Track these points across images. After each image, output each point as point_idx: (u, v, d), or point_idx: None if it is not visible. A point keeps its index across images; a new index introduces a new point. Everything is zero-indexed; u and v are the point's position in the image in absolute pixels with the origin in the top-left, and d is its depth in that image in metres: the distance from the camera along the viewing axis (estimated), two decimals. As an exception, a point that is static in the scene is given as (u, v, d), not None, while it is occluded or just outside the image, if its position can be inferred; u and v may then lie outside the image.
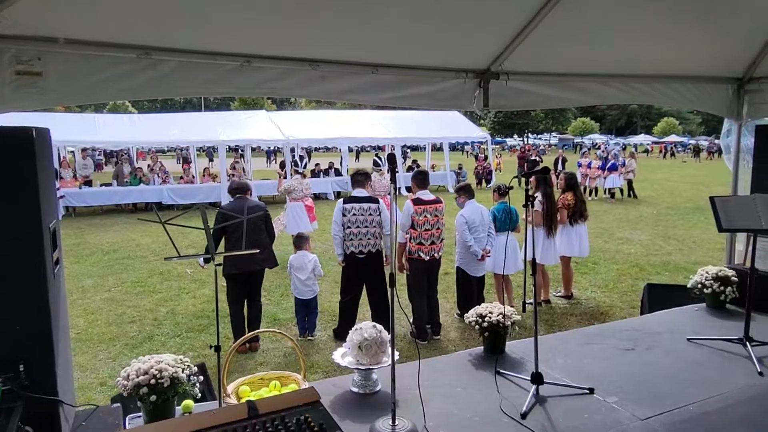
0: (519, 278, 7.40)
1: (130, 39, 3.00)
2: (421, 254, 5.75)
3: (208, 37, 3.17)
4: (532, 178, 6.82)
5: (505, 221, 6.36)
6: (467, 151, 43.55)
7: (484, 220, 6.05)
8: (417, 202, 5.78)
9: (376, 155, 15.05)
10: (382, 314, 5.76)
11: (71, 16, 2.75)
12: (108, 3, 2.74)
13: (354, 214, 5.69)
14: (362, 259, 5.72)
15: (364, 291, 5.93)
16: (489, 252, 6.11)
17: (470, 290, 6.19)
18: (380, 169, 10.88)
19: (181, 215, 2.56)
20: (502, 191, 6.53)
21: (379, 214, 5.76)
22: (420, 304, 5.90)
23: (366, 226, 5.69)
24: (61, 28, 2.81)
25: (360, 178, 5.98)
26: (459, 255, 6.17)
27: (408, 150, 27.89)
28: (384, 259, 5.89)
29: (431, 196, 5.84)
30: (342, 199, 5.98)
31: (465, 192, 6.20)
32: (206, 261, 5.63)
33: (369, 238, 5.70)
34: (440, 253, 5.90)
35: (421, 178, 5.98)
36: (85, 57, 2.95)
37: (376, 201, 5.86)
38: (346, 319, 5.79)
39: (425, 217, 5.72)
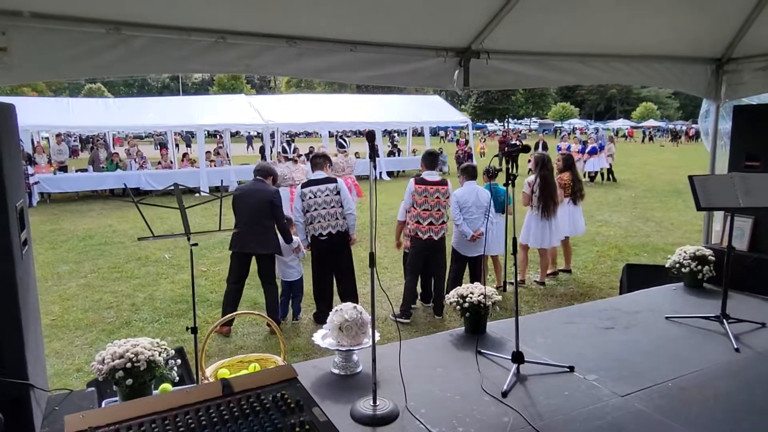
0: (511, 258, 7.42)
1: (99, 13, 2.89)
2: (419, 233, 5.78)
3: (181, 11, 3.06)
4: (531, 161, 6.95)
5: (495, 203, 6.41)
6: (441, 137, 43.44)
7: (480, 201, 6.05)
8: (419, 181, 5.80)
9: (340, 137, 15.08)
10: (348, 294, 5.71)
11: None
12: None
13: (311, 198, 5.67)
14: (325, 241, 5.69)
15: None
16: (481, 233, 6.12)
17: (460, 271, 6.21)
18: (345, 151, 11.40)
19: (150, 197, 2.49)
20: (491, 173, 6.53)
21: (338, 194, 5.71)
22: (410, 282, 5.94)
23: (325, 208, 5.66)
24: (26, 1, 2.68)
25: (319, 160, 5.97)
26: (454, 234, 6.20)
27: (396, 135, 27.67)
28: (349, 239, 5.85)
29: (437, 177, 5.84)
30: (301, 183, 5.97)
31: (465, 173, 6.24)
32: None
33: (329, 220, 5.66)
34: (440, 235, 5.84)
35: (430, 159, 5.98)
36: (52, 32, 2.83)
37: (334, 181, 5.81)
38: (323, 301, 5.78)
39: (425, 197, 5.73)
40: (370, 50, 3.70)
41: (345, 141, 12.26)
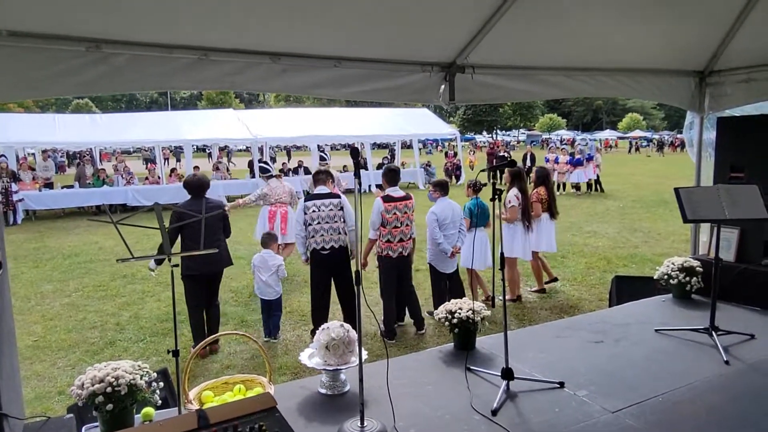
0: (489, 273, 7.38)
1: (78, 31, 2.84)
2: (390, 252, 5.71)
3: (163, 29, 3.02)
4: (506, 174, 6.93)
5: (480, 217, 6.37)
6: (428, 149, 43.48)
7: (455, 216, 6.02)
8: (387, 199, 5.72)
9: (321, 150, 15.28)
10: (351, 310, 5.73)
11: (14, 6, 2.59)
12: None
13: (314, 211, 5.64)
14: (326, 255, 5.65)
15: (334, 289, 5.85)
16: (459, 249, 6.09)
17: (442, 287, 6.16)
18: (326, 163, 11.89)
19: (130, 216, 2.44)
20: (477, 187, 6.51)
21: (341, 209, 5.70)
22: (389, 302, 5.84)
23: (328, 222, 5.62)
24: (2, 19, 2.64)
25: (321, 176, 5.96)
26: (430, 252, 6.13)
27: (395, 148, 27.37)
28: (350, 254, 5.82)
29: (401, 193, 5.81)
30: (304, 197, 5.93)
31: (440, 188, 6.18)
32: (158, 263, 5.49)
33: (332, 234, 5.63)
34: (409, 250, 5.85)
35: (391, 175, 5.93)
36: (31, 50, 2.78)
37: (338, 196, 5.79)
38: (320, 318, 5.70)
39: (395, 214, 5.68)
40: (355, 66, 3.68)
41: (326, 154, 12.62)
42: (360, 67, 3.70)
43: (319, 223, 5.63)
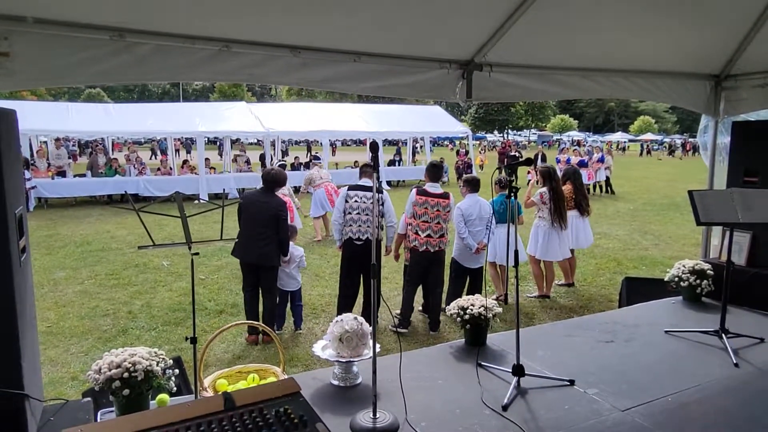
0: (522, 269, 7.39)
1: (103, 20, 2.89)
2: (416, 244, 5.76)
3: (185, 19, 3.06)
4: (538, 174, 7.00)
5: (504, 213, 6.39)
6: (432, 148, 43.18)
7: (483, 213, 6.05)
8: (421, 192, 5.80)
9: (314, 155, 15.57)
10: (361, 301, 5.87)
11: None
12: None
13: (356, 201, 5.75)
14: (359, 246, 5.73)
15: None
16: (485, 246, 6.13)
17: (461, 284, 6.19)
18: (319, 162, 12.90)
19: (151, 204, 2.48)
20: (503, 183, 6.55)
21: (382, 204, 5.79)
22: (408, 293, 5.91)
23: (367, 214, 5.72)
24: (29, 7, 2.69)
25: (368, 169, 6.07)
26: (455, 246, 6.18)
27: (418, 146, 27.11)
28: (385, 249, 5.96)
29: (439, 190, 5.83)
30: (348, 186, 6.03)
31: (469, 184, 6.23)
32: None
33: (368, 226, 5.70)
34: (437, 248, 5.79)
35: (433, 171, 6.00)
36: (56, 37, 2.83)
37: (381, 191, 5.85)
38: (345, 306, 5.78)
39: (425, 208, 5.73)
40: (373, 61, 3.71)
41: (319, 156, 15.38)
42: (378, 62, 3.73)
43: (358, 213, 5.73)
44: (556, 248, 6.90)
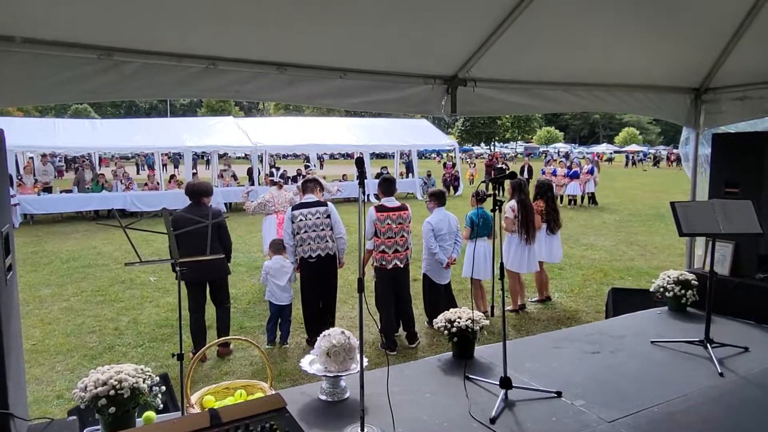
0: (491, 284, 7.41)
1: (90, 39, 2.90)
2: (384, 263, 5.66)
3: (172, 38, 3.09)
4: (507, 186, 6.95)
5: (482, 227, 6.38)
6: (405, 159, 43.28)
7: (452, 227, 6.05)
8: (380, 209, 5.68)
9: (306, 158, 15.36)
10: (332, 318, 5.85)
11: (28, 14, 2.65)
12: (69, 1, 2.64)
13: (301, 220, 5.69)
14: (314, 263, 5.70)
15: None
16: (454, 260, 6.12)
17: (437, 298, 6.17)
18: (311, 170, 12.17)
19: (138, 222, 2.48)
20: (480, 197, 6.51)
21: (328, 217, 5.75)
22: (387, 313, 5.80)
23: (315, 230, 5.68)
24: (17, 27, 2.70)
25: (310, 184, 6.03)
26: (425, 262, 6.14)
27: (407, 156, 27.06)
28: (338, 262, 5.89)
29: (396, 203, 5.77)
30: (291, 206, 6.00)
31: (436, 198, 6.18)
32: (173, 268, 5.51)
33: (318, 242, 5.68)
34: (405, 262, 5.76)
35: (386, 185, 5.91)
36: (43, 57, 2.84)
37: (325, 204, 5.86)
38: (314, 324, 5.73)
39: (388, 224, 5.62)
40: (360, 77, 3.75)
41: (310, 162, 14.96)
42: (364, 78, 3.78)
43: (306, 231, 5.68)
44: (524, 260, 6.81)
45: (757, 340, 3.83)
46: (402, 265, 5.73)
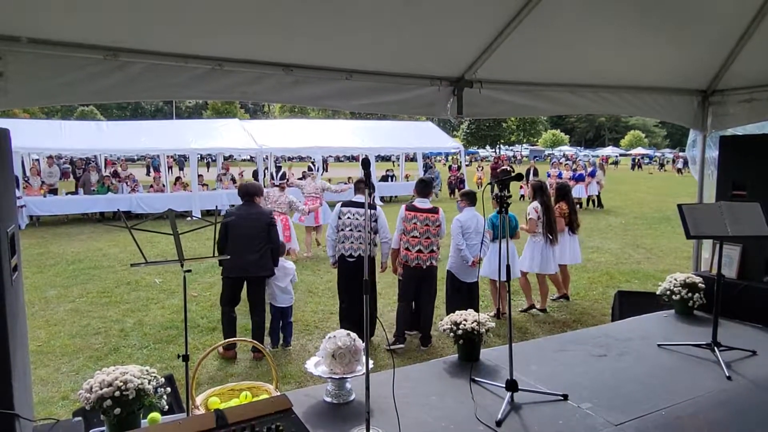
0: (514, 284, 7.38)
1: (97, 39, 2.91)
2: (407, 260, 5.76)
3: (179, 38, 3.10)
4: (529, 188, 7.05)
5: (502, 228, 6.43)
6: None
7: (479, 228, 6.08)
8: (410, 208, 5.81)
9: (312, 162, 15.27)
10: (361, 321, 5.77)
11: (35, 15, 2.66)
12: (75, 1, 2.65)
13: (348, 217, 5.77)
14: (352, 263, 5.75)
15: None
16: (480, 259, 6.15)
17: (458, 297, 6.17)
18: (312, 173, 12.36)
19: (144, 222, 2.48)
20: (500, 199, 6.58)
21: (375, 221, 5.79)
22: (402, 308, 5.89)
23: (360, 231, 5.73)
24: (24, 27, 2.71)
25: (361, 185, 6.09)
26: (451, 259, 6.17)
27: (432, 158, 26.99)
28: (380, 266, 5.96)
29: (428, 205, 5.81)
30: (341, 202, 6.04)
31: (467, 198, 6.25)
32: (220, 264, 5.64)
33: (361, 243, 5.72)
34: (428, 263, 5.73)
35: (421, 186, 6.01)
36: (50, 57, 2.85)
37: (374, 207, 5.87)
38: (350, 321, 5.73)
39: (414, 224, 5.71)
40: (365, 79, 3.75)
41: (314, 164, 13.51)
42: (371, 80, 3.77)
43: (351, 230, 5.75)
44: (550, 262, 6.95)
45: (765, 344, 3.79)
46: (424, 267, 5.74)
